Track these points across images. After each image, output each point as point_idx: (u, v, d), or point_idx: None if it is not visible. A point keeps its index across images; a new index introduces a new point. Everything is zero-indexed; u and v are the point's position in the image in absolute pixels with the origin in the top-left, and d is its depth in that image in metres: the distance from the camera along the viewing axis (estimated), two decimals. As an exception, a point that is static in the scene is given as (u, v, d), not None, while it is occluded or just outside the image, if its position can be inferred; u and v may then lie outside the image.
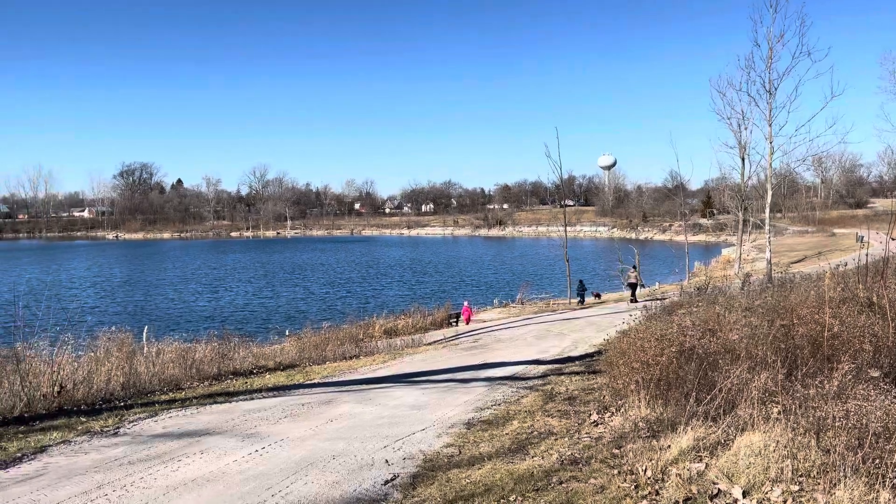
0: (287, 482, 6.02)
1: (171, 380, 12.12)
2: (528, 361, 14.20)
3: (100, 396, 10.36)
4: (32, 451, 7.25)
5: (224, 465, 6.57)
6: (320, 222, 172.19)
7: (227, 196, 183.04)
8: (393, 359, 15.93)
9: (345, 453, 6.97)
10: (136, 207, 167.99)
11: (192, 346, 15.30)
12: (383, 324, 26.30)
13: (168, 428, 8.34)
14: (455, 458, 6.67)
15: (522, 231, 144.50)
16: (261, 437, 7.75)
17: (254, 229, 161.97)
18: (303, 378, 13.03)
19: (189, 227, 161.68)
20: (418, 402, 9.87)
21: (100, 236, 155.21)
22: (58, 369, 10.41)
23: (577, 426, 7.61)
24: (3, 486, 6.09)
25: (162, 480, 6.11)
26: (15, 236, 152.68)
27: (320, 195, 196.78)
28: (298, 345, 20.25)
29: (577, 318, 24.91)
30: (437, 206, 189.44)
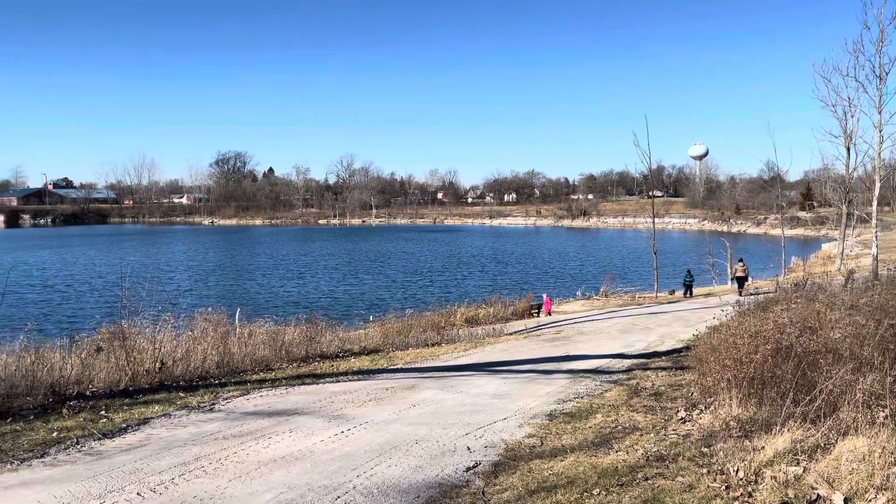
0: (371, 464, 6.15)
1: (262, 360, 12.60)
2: (612, 355, 13.93)
3: (196, 374, 10.90)
4: (136, 423, 7.71)
5: (311, 445, 6.78)
6: (404, 211, 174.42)
7: (315, 184, 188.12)
8: (474, 347, 15.98)
9: (427, 438, 7.05)
10: (231, 195, 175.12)
11: (281, 329, 15.85)
12: (464, 313, 26.41)
13: (259, 406, 8.68)
14: (537, 449, 6.63)
15: (607, 222, 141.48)
16: (346, 418, 7.95)
17: (340, 217, 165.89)
18: (386, 363, 13.27)
19: (279, 215, 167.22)
20: (499, 392, 9.87)
21: (196, 222, 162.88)
22: (159, 347, 11.03)
23: (664, 422, 7.41)
24: (109, 454, 6.51)
25: (254, 456, 6.37)
26: (121, 221, 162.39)
27: (404, 184, 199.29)
28: (382, 330, 20.62)
29: (665, 313, 24.22)
30: (519, 196, 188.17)
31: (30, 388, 8.62)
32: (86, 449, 6.64)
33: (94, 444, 6.79)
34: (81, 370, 9.74)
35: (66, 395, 8.71)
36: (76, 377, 9.41)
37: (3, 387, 8.42)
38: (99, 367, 10.21)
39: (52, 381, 8.96)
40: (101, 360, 10.56)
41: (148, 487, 5.46)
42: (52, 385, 8.86)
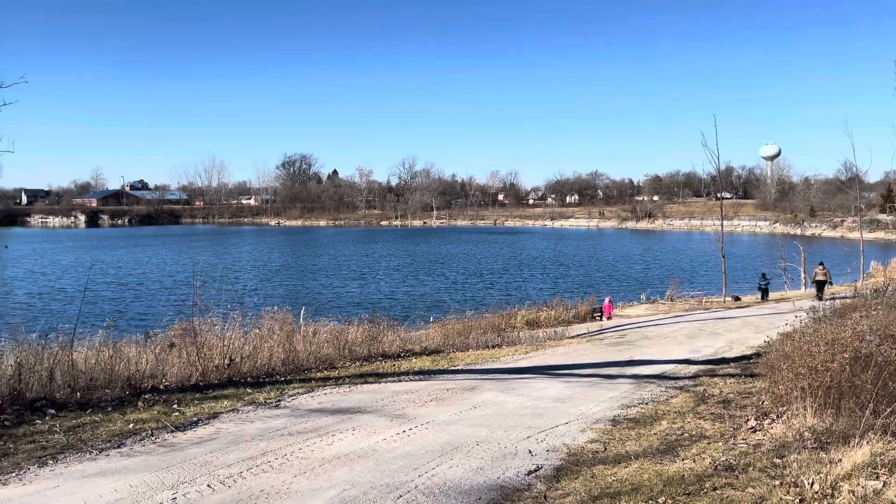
0: (433, 464, 6.18)
1: (326, 359, 12.84)
2: (677, 360, 13.59)
3: (263, 370, 11.19)
4: (206, 417, 7.96)
5: (374, 443, 6.87)
6: (465, 213, 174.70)
7: (377, 186, 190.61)
8: (535, 350, 15.86)
9: (488, 440, 7.04)
10: (296, 196, 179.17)
11: (344, 328, 16.12)
12: (525, 315, 26.25)
13: (323, 404, 8.85)
14: (600, 455, 6.53)
15: (673, 224, 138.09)
16: (408, 418, 8.02)
17: (402, 218, 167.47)
18: (447, 364, 13.31)
19: (342, 216, 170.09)
20: (561, 395, 9.76)
21: (263, 222, 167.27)
22: (228, 344, 11.38)
23: (733, 431, 7.18)
24: (181, 446, 6.75)
25: (318, 453, 6.49)
26: (192, 221, 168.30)
27: (465, 186, 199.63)
28: (442, 331, 20.72)
29: (733, 318, 23.47)
30: (582, 198, 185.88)
31: (108, 381, 9.02)
32: (160, 441, 6.90)
33: (167, 437, 7.06)
34: (155, 365, 10.14)
35: (142, 389, 9.08)
36: (150, 371, 9.80)
37: (83, 379, 8.84)
38: (171, 362, 10.60)
39: (129, 375, 9.36)
40: (173, 356, 10.95)
41: (217, 480, 5.64)
42: (129, 378, 9.25)
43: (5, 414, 7.38)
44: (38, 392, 8.18)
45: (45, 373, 8.57)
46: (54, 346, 9.46)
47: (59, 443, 6.61)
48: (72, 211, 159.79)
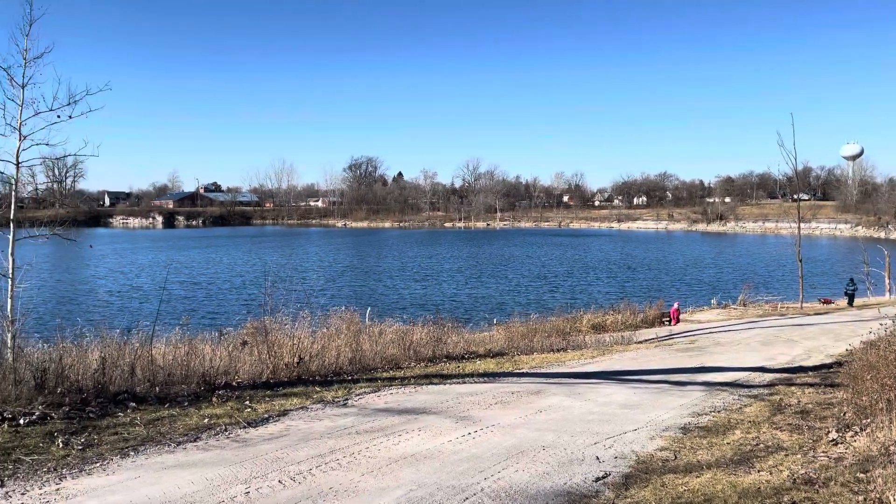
0: (498, 467, 6.16)
1: (391, 359, 12.98)
2: (751, 368, 13.12)
3: (331, 369, 11.41)
4: (277, 414, 8.17)
5: (440, 444, 6.89)
6: (528, 214, 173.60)
7: (441, 188, 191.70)
8: (602, 355, 15.61)
9: (554, 445, 6.96)
10: (362, 198, 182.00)
11: (409, 329, 16.27)
12: (591, 319, 25.86)
13: (389, 403, 8.94)
14: (670, 463, 6.36)
15: (746, 227, 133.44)
16: (473, 420, 8.02)
17: (465, 220, 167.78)
18: (511, 367, 13.25)
19: (407, 218, 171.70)
20: (629, 402, 9.57)
21: (330, 224, 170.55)
22: (297, 342, 11.65)
23: (812, 443, 6.88)
24: (253, 442, 6.94)
25: (385, 452, 6.56)
26: (262, 222, 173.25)
27: (529, 187, 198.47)
28: (506, 334, 20.63)
29: (811, 325, 22.50)
30: (650, 199, 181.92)
31: (184, 377, 9.38)
32: (233, 436, 7.12)
33: (239, 432, 7.27)
34: (229, 362, 10.47)
35: (216, 385, 9.40)
36: (224, 368, 10.14)
37: (162, 375, 9.22)
38: (243, 359, 10.93)
39: (204, 371, 9.70)
40: (245, 354, 11.30)
41: (288, 476, 5.77)
42: (204, 375, 9.59)
43: (90, 406, 7.76)
44: (121, 386, 8.57)
45: (126, 368, 8.98)
46: (135, 342, 9.90)
47: (140, 435, 6.91)
48: (150, 212, 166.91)
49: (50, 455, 6.12)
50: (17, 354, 8.78)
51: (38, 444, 6.36)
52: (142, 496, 5.22)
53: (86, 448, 6.38)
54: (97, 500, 5.13)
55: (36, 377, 7.93)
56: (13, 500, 5.10)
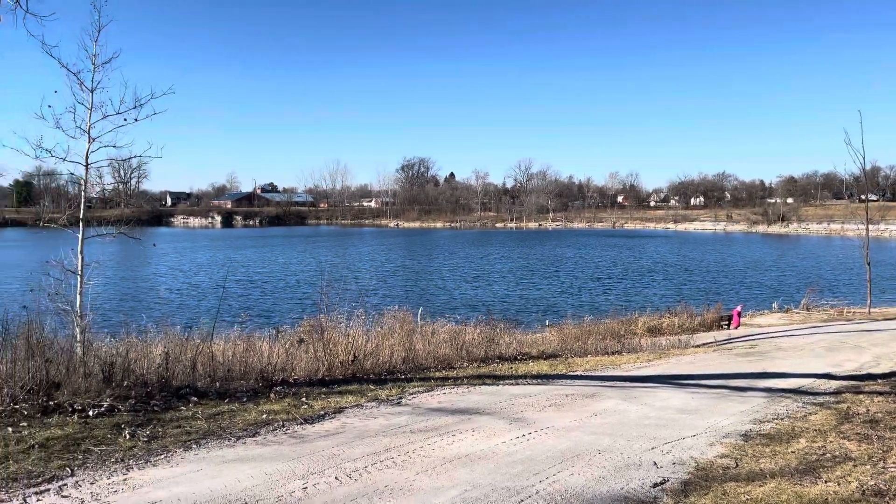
0: (553, 470, 6.10)
1: (444, 358, 13.01)
2: (816, 375, 12.66)
3: (384, 368, 11.50)
4: (332, 411, 8.28)
5: (493, 445, 6.87)
6: (582, 215, 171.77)
7: (493, 188, 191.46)
8: (658, 358, 15.31)
9: (610, 449, 6.86)
10: (414, 198, 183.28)
11: (461, 329, 16.27)
12: (646, 321, 25.41)
13: (442, 403, 8.96)
14: (731, 471, 6.19)
15: (809, 228, 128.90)
16: (527, 422, 7.96)
17: (517, 221, 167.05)
18: (565, 369, 13.12)
19: (458, 218, 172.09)
20: (687, 406, 9.35)
21: (383, 224, 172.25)
22: (351, 341, 11.79)
23: (882, 454, 6.59)
24: (310, 438, 7.05)
25: (439, 452, 6.58)
26: (317, 222, 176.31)
27: (582, 188, 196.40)
28: (559, 336, 20.45)
29: (880, 331, 21.57)
30: (707, 200, 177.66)
31: (243, 373, 9.60)
32: (290, 432, 7.25)
33: (296, 428, 7.40)
34: (285, 359, 10.67)
35: (273, 381, 9.59)
36: (281, 365, 10.33)
37: (221, 370, 9.45)
38: (300, 357, 11.12)
39: (262, 368, 9.92)
40: (301, 351, 11.50)
41: (344, 473, 5.84)
42: (262, 371, 9.80)
43: (154, 399, 8.01)
44: (183, 380, 8.83)
45: (188, 363, 9.25)
46: (196, 338, 10.18)
47: (201, 429, 7.10)
48: (209, 212, 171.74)
49: (117, 446, 6.34)
50: (86, 348, 9.15)
51: (107, 436, 6.60)
52: (204, 488, 5.36)
53: (151, 440, 6.60)
54: (163, 490, 5.29)
55: (104, 370, 8.24)
56: (83, 488, 5.30)
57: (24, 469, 5.58)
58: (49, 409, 7.15)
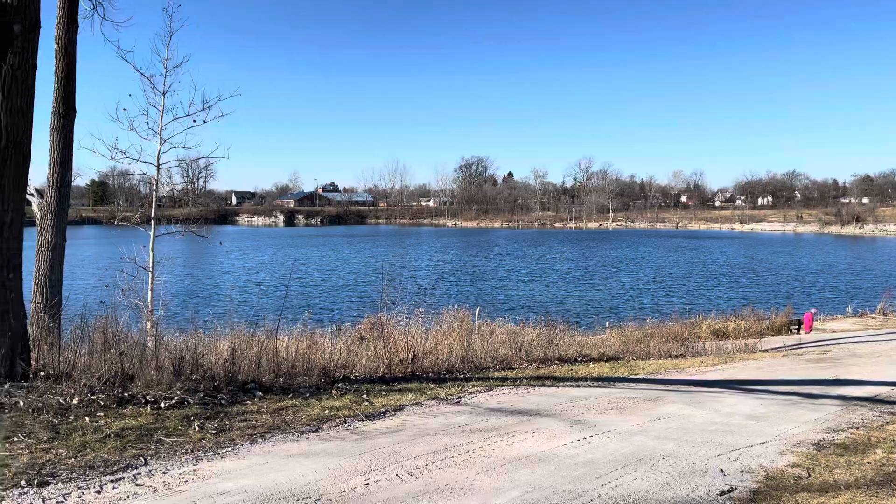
0: (616, 474, 5.99)
1: (503, 359, 12.96)
2: (894, 383, 12.07)
3: (443, 367, 11.54)
4: (392, 409, 8.35)
5: (554, 447, 6.80)
6: (643, 215, 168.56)
7: (552, 188, 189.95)
8: (724, 363, 14.88)
9: (674, 455, 6.69)
10: (472, 198, 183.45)
11: (520, 329, 16.19)
12: (711, 324, 24.74)
13: (502, 403, 8.93)
14: (803, 481, 5.95)
15: (887, 229, 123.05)
16: (588, 424, 7.85)
17: (576, 220, 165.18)
18: (627, 371, 12.89)
19: (516, 217, 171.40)
20: (755, 413, 9.05)
21: (441, 223, 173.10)
22: (411, 339, 11.88)
23: (966, 468, 6.23)
24: (371, 435, 7.13)
25: (499, 452, 6.55)
26: (376, 222, 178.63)
27: (644, 187, 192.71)
28: (620, 338, 20.12)
29: (963, 338, 20.43)
30: (776, 199, 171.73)
31: (306, 369, 9.79)
32: (352, 428, 7.35)
33: (358, 425, 7.50)
34: (347, 356, 10.83)
35: (335, 378, 9.74)
36: (342, 362, 10.49)
37: (285, 366, 9.66)
38: (360, 354, 11.27)
39: (324, 364, 10.09)
40: (362, 349, 11.65)
41: (405, 470, 5.88)
42: (324, 367, 9.97)
43: (222, 393, 8.25)
44: (248, 375, 9.05)
45: (253, 358, 9.48)
46: (261, 334, 10.44)
47: (266, 423, 7.27)
48: (272, 211, 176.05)
49: (187, 437, 6.56)
50: (157, 342, 9.50)
51: (177, 427, 6.83)
52: (270, 481, 5.48)
53: (219, 433, 6.79)
54: (230, 482, 5.44)
55: (174, 364, 8.52)
56: (156, 477, 5.50)
57: (100, 457, 5.83)
58: (124, 400, 7.44)
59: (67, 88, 11.52)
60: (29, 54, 7.87)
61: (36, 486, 5.12)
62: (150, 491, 5.21)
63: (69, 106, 11.58)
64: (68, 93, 11.55)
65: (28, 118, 7.95)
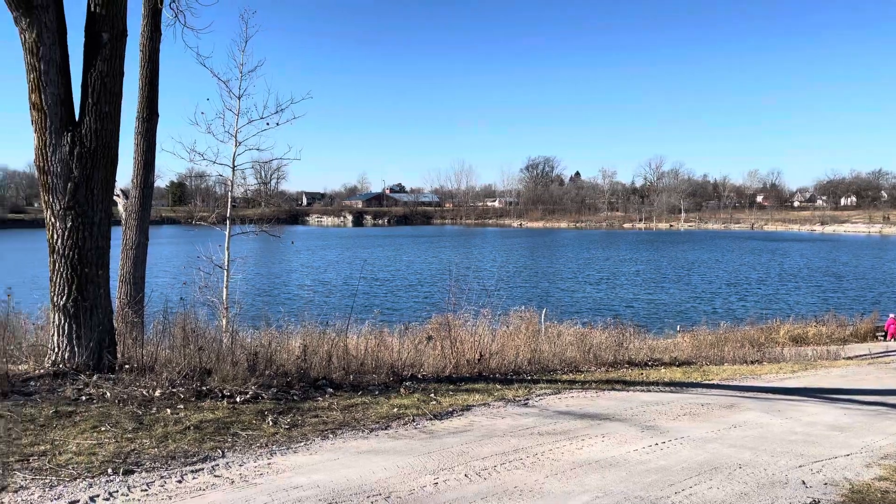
0: (690, 482, 5.82)
1: (570, 361, 12.79)
2: None
3: (510, 368, 11.48)
4: (460, 409, 8.36)
5: (625, 453, 6.66)
6: (716, 215, 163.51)
7: (621, 188, 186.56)
8: (804, 370, 14.26)
9: (752, 464, 6.45)
10: (538, 198, 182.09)
11: (588, 332, 15.95)
12: (789, 330, 23.77)
13: (570, 407, 8.81)
14: (891, 495, 5.65)
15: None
16: (660, 430, 7.66)
17: (646, 221, 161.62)
18: (700, 377, 12.52)
19: (584, 218, 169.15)
20: (838, 423, 8.63)
21: (506, 224, 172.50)
22: (478, 339, 11.87)
23: None
24: (439, 434, 7.16)
25: (568, 456, 6.46)
26: (442, 222, 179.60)
27: (718, 187, 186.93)
28: (693, 342, 19.55)
29: None
30: (860, 200, 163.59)
31: (374, 367, 9.91)
32: (420, 427, 7.40)
33: (426, 424, 7.54)
34: (414, 355, 10.91)
35: (402, 376, 9.83)
36: (410, 361, 10.57)
37: (354, 364, 9.81)
38: (428, 353, 11.34)
39: (392, 363, 10.20)
40: (429, 348, 11.72)
41: (473, 471, 5.88)
42: (392, 366, 10.08)
43: (294, 389, 8.44)
44: (319, 372, 9.24)
45: (324, 355, 9.67)
46: (331, 332, 10.63)
47: (337, 419, 7.40)
48: (341, 211, 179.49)
49: (262, 432, 6.74)
50: (232, 338, 9.80)
51: (252, 421, 7.03)
52: (341, 477, 5.58)
53: (291, 427, 6.96)
54: (303, 477, 5.56)
55: (249, 360, 8.78)
56: (232, 470, 5.68)
57: (181, 448, 6.06)
58: (202, 394, 7.71)
59: (151, 94, 12.04)
60: (116, 62, 8.26)
61: (122, 475, 5.36)
62: (228, 483, 5.38)
63: (152, 110, 12.10)
64: (152, 98, 12.08)
65: (116, 123, 8.35)
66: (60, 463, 5.48)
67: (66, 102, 8.03)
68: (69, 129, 7.97)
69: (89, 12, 8.13)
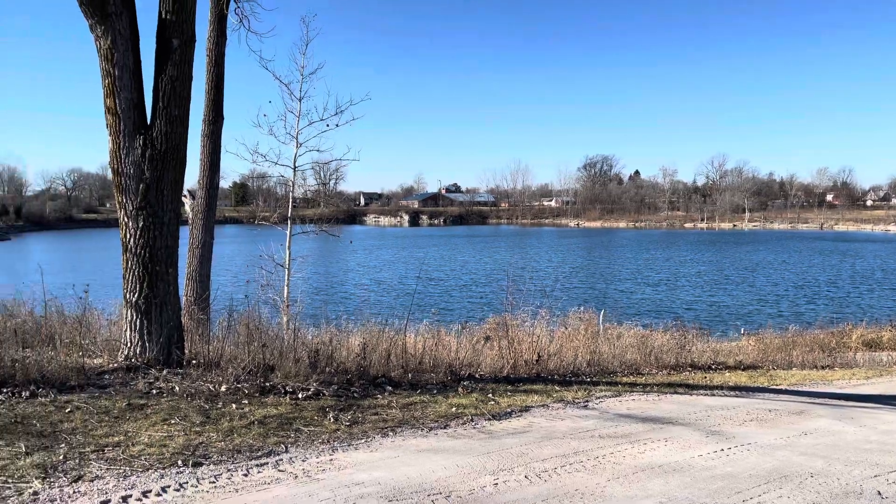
0: (758, 490, 5.64)
1: (631, 363, 12.57)
2: None
3: (569, 370, 11.35)
4: (518, 409, 8.32)
5: (689, 458, 6.50)
6: (783, 215, 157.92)
7: (682, 187, 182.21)
8: (879, 376, 13.64)
9: (824, 473, 6.20)
10: (596, 198, 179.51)
11: (648, 334, 15.64)
12: (862, 334, 22.75)
13: (631, 410, 8.66)
14: (978, 512, 5.33)
15: None
16: (725, 436, 7.45)
17: (708, 221, 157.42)
18: (766, 382, 12.11)
19: (643, 217, 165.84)
20: (918, 433, 8.21)
21: (563, 223, 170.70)
22: (536, 340, 11.79)
23: None
24: (497, 435, 7.14)
25: (630, 460, 6.35)
26: (497, 222, 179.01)
27: (784, 185, 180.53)
28: (758, 346, 18.93)
29: None
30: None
31: (433, 366, 9.96)
32: (479, 427, 7.39)
33: (484, 424, 7.53)
34: (472, 355, 10.90)
35: (460, 376, 9.85)
36: (468, 361, 10.57)
37: (413, 362, 9.88)
38: (485, 353, 11.31)
39: (450, 362, 10.22)
40: (486, 348, 11.69)
41: (533, 472, 5.83)
42: (450, 365, 10.10)
43: (354, 386, 8.56)
44: (378, 370, 9.34)
45: (383, 354, 9.77)
46: (390, 330, 10.72)
47: (396, 417, 7.46)
48: (398, 211, 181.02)
49: (323, 428, 6.85)
50: (294, 335, 10.00)
51: (314, 418, 7.16)
52: (401, 475, 5.62)
53: (352, 424, 7.05)
54: (364, 473, 5.63)
55: (310, 357, 8.94)
56: (296, 465, 5.79)
57: (246, 442, 6.22)
58: (265, 390, 7.90)
59: (217, 97, 12.41)
60: (185, 66, 8.54)
61: (191, 467, 5.54)
62: (291, 477, 5.49)
63: (218, 113, 12.47)
64: (217, 101, 12.44)
65: (184, 126, 8.63)
66: (133, 454, 5.70)
67: (139, 106, 8.35)
68: (141, 132, 8.28)
69: (160, 19, 8.42)
